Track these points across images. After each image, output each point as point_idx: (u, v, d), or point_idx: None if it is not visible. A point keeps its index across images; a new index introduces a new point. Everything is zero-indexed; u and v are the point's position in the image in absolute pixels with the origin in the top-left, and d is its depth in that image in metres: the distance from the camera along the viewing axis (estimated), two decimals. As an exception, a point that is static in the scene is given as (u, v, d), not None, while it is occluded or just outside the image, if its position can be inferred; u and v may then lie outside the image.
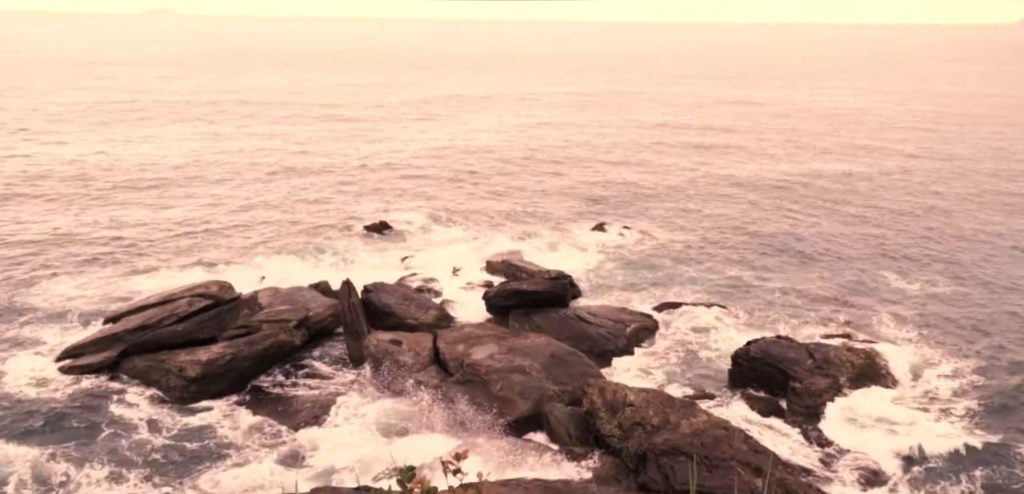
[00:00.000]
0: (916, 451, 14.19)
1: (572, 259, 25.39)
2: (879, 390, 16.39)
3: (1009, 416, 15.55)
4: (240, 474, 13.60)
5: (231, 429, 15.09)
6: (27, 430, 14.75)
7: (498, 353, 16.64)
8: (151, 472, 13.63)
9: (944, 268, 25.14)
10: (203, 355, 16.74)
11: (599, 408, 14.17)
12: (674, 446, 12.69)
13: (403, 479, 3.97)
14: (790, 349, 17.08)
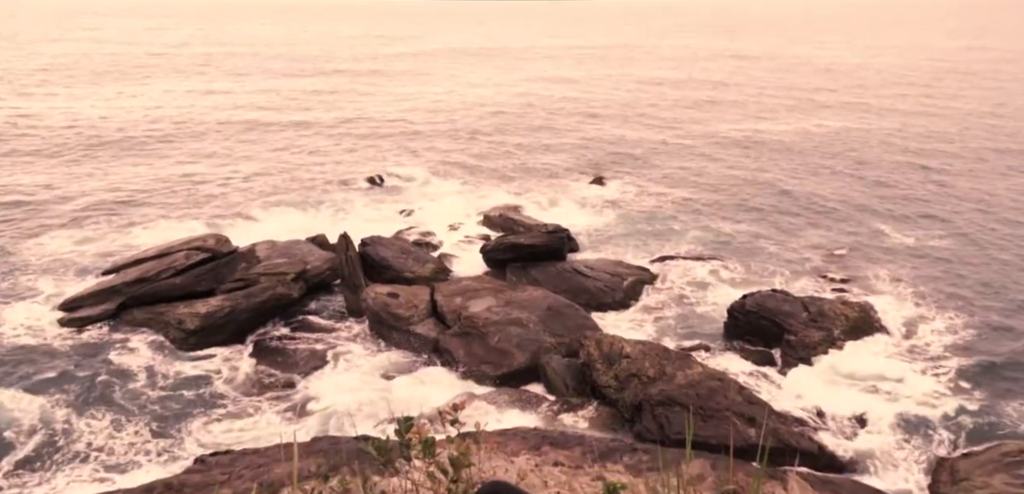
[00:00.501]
0: (906, 404, 14.41)
1: (570, 213, 25.40)
2: (872, 344, 16.57)
3: (998, 373, 15.74)
4: (239, 424, 13.78)
5: (230, 380, 15.24)
6: (30, 380, 14.89)
7: (496, 306, 16.74)
8: (151, 421, 13.80)
9: (941, 224, 25.22)
10: (202, 307, 16.82)
11: (596, 360, 14.32)
12: (669, 397, 12.86)
13: (401, 429, 4.03)
14: (785, 302, 17.20)
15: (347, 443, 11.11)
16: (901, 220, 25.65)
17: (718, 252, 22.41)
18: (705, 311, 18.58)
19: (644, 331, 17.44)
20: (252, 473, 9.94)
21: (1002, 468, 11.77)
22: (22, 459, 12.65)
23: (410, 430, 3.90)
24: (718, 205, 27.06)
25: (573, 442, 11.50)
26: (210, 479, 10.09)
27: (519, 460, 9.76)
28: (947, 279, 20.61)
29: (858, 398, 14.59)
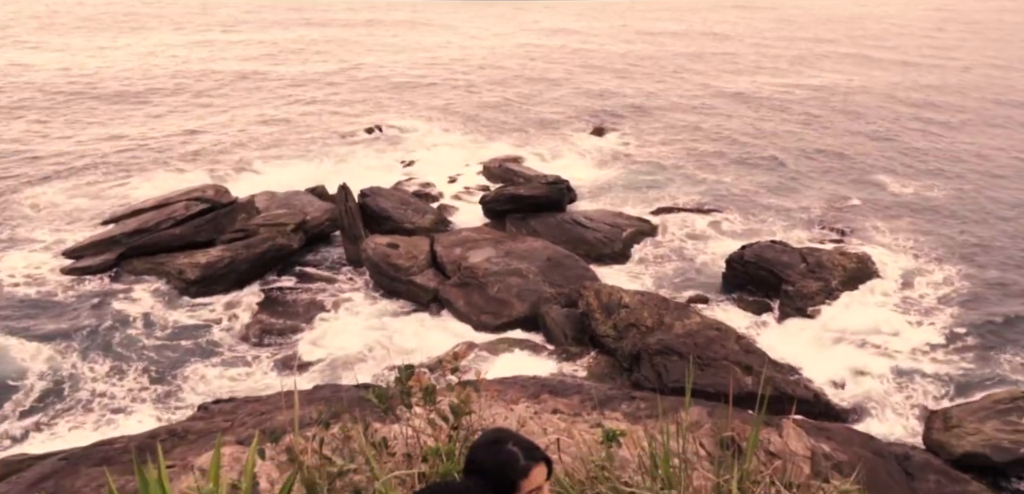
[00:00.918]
0: (901, 355, 14.55)
1: (569, 164, 25.31)
2: (869, 295, 16.65)
3: (992, 325, 15.82)
4: (241, 372, 13.93)
5: (231, 329, 15.35)
6: (33, 328, 15.01)
7: (495, 256, 16.78)
8: (152, 369, 13.95)
9: (941, 177, 25.16)
10: (202, 258, 16.87)
11: (595, 310, 14.42)
12: (667, 346, 12.99)
13: (402, 377, 4.08)
14: (784, 253, 17.24)
15: (348, 391, 11.23)
16: (901, 173, 25.57)
17: (718, 203, 22.39)
18: (704, 262, 18.64)
19: (643, 281, 17.53)
20: (254, 420, 10.07)
21: (994, 415, 11.96)
22: (28, 406, 12.82)
23: (411, 378, 3.96)
24: (718, 157, 26.94)
25: (572, 390, 11.63)
26: (213, 426, 10.23)
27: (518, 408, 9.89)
28: (945, 232, 20.64)
29: (854, 348, 14.73)
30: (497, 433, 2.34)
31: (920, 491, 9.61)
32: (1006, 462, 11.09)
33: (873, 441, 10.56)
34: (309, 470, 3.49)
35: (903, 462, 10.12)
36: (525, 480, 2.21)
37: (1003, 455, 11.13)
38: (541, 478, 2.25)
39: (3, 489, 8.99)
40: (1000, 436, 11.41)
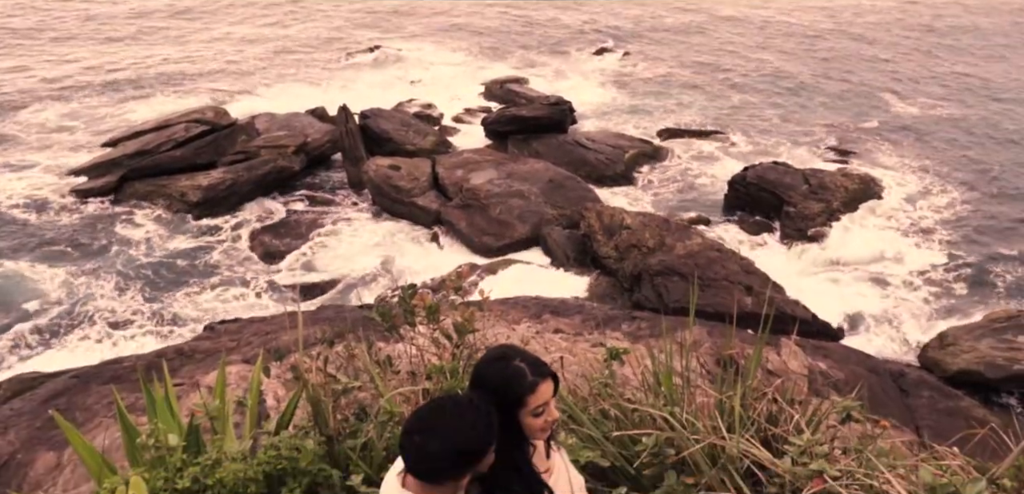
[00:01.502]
0: (900, 274, 14.63)
1: (573, 86, 24.92)
2: (871, 216, 16.63)
3: (992, 247, 15.80)
4: (245, 293, 14.09)
5: (234, 252, 15.44)
6: (39, 251, 15.13)
7: (497, 178, 16.72)
8: (157, 291, 14.10)
9: (947, 99, 24.78)
10: (203, 180, 16.83)
11: (596, 231, 14.44)
12: (668, 267, 13.06)
13: (405, 297, 4.11)
14: (786, 174, 17.15)
15: (352, 312, 11.37)
16: (907, 95, 25.18)
17: (722, 125, 22.14)
18: (706, 183, 18.56)
19: (645, 203, 17.50)
20: (260, 340, 10.22)
21: (989, 334, 12.11)
22: (36, 326, 13.02)
23: (414, 298, 3.99)
24: (724, 78, 26.50)
25: (573, 310, 11.76)
26: (219, 345, 10.39)
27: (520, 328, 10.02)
28: (950, 154, 20.44)
29: (853, 268, 14.80)
30: (503, 349, 2.31)
31: (913, 407, 9.80)
32: (999, 379, 11.29)
33: (870, 360, 10.73)
34: (313, 388, 3.55)
35: (898, 379, 10.31)
36: (532, 395, 2.20)
37: (996, 372, 11.32)
38: (548, 394, 2.23)
39: (18, 405, 9.20)
40: (995, 354, 11.58)
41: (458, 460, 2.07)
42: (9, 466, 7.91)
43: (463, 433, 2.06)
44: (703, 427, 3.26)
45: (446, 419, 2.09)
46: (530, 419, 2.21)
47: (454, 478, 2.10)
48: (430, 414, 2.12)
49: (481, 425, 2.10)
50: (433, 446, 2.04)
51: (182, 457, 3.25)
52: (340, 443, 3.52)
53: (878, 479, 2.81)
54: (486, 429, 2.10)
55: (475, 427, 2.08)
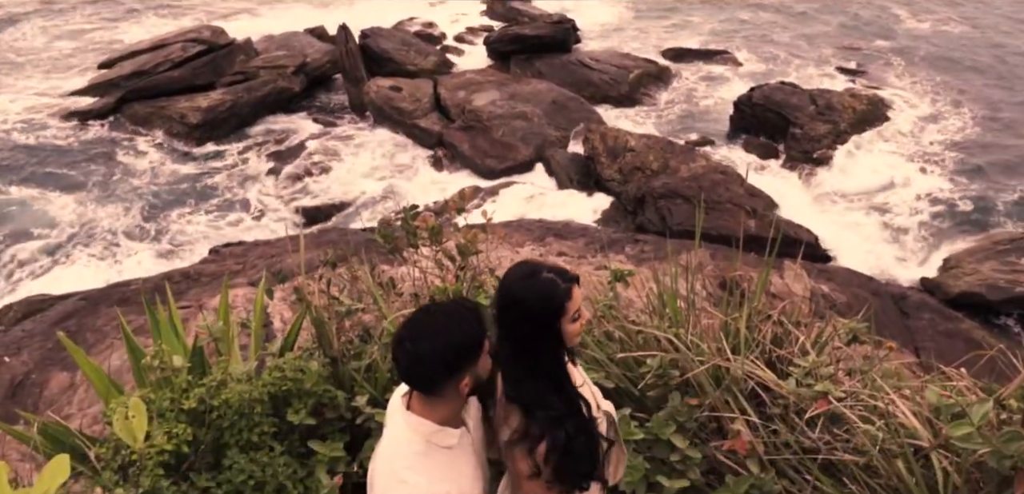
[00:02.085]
0: (905, 195, 14.53)
1: (576, 3, 24.27)
2: (878, 140, 16.41)
3: (1001, 169, 15.58)
4: (247, 216, 14.10)
5: (235, 175, 15.37)
6: (40, 176, 15.06)
7: (499, 99, 16.49)
8: (161, 215, 14.10)
9: (960, 17, 24.10)
10: (203, 101, 16.62)
11: (600, 153, 14.31)
12: (672, 189, 12.98)
13: (407, 218, 4.06)
14: (793, 95, 16.86)
15: (355, 234, 11.38)
16: (921, 12, 24.50)
17: (729, 45, 21.66)
18: (712, 104, 18.28)
19: (649, 125, 17.28)
20: (265, 263, 10.25)
21: (993, 256, 12.09)
22: (41, 248, 13.07)
23: (416, 219, 3.94)
24: (732, -7, 25.78)
25: (576, 233, 11.74)
26: (224, 268, 10.44)
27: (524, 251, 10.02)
28: (961, 74, 20.01)
29: (858, 190, 14.70)
30: (527, 266, 2.23)
31: (914, 329, 9.86)
32: (1000, 300, 11.31)
33: (872, 282, 10.75)
34: (317, 309, 3.55)
35: (899, 302, 10.35)
36: (569, 301, 2.15)
37: (997, 294, 11.33)
38: (580, 297, 2.20)
39: (29, 327, 9.30)
40: (997, 276, 11.58)
41: (451, 358, 2.02)
42: (24, 386, 8.03)
43: (453, 329, 2.02)
44: (708, 349, 3.26)
45: (435, 319, 2.06)
46: (569, 326, 2.18)
47: (450, 380, 2.04)
48: (419, 318, 2.09)
49: (471, 319, 2.07)
50: (424, 347, 2.00)
51: (187, 378, 3.27)
52: (344, 364, 3.53)
53: (883, 400, 2.82)
54: (476, 323, 2.07)
55: (465, 321, 2.05)
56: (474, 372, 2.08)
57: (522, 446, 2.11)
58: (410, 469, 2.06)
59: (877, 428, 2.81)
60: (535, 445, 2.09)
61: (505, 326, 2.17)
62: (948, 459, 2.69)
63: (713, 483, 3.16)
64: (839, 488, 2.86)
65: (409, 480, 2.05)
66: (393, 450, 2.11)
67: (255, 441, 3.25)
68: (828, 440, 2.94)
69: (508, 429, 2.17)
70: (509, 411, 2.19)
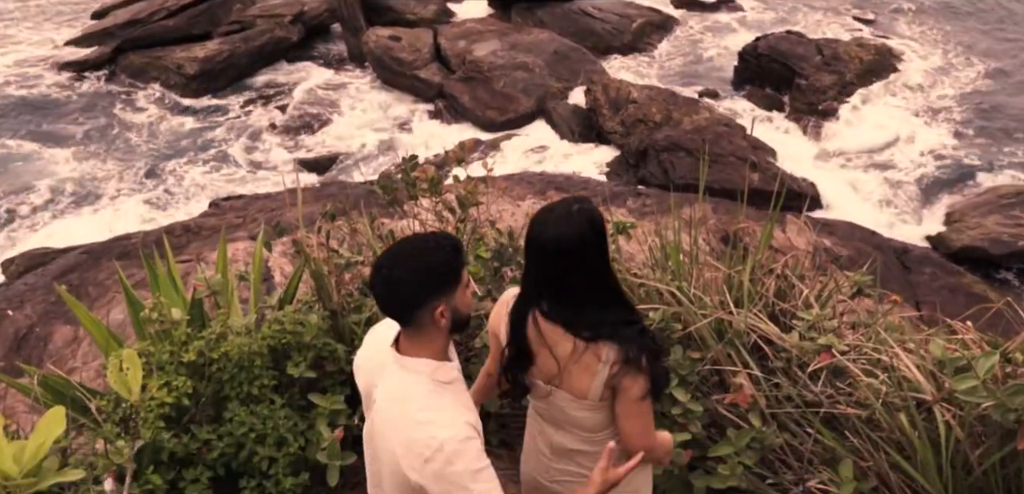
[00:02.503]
0: (911, 151, 14.39)
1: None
2: (885, 93, 16.19)
3: (1011, 123, 15.32)
4: (246, 170, 14.03)
5: (234, 127, 15.26)
6: (38, 129, 14.95)
7: (500, 49, 16.26)
8: (159, 167, 14.02)
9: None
10: (200, 52, 16.40)
11: (602, 105, 14.16)
12: (675, 142, 12.86)
13: (406, 169, 4.01)
14: (799, 45, 16.59)
15: (355, 187, 11.32)
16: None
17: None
18: (716, 55, 18.01)
19: (652, 76, 17.06)
20: (265, 216, 10.22)
21: (996, 209, 12.01)
22: (41, 202, 13.04)
23: (415, 170, 3.89)
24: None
25: (578, 186, 11.67)
26: (225, 222, 10.41)
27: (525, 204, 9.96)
28: (972, 24, 19.65)
29: (863, 143, 14.56)
30: (551, 210, 2.17)
31: (915, 283, 9.85)
32: (1002, 254, 11.27)
33: (875, 236, 10.71)
34: (316, 262, 3.52)
35: (901, 256, 10.32)
36: (605, 227, 2.18)
37: (1000, 248, 11.28)
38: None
39: (31, 280, 9.31)
40: (1000, 229, 11.52)
41: (425, 280, 1.97)
42: (29, 339, 8.07)
43: (429, 254, 1.99)
44: (710, 302, 3.24)
45: (412, 245, 2.05)
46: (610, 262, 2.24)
47: (426, 305, 1.98)
48: (397, 246, 2.07)
49: (448, 247, 2.03)
50: (399, 271, 1.96)
51: (186, 331, 3.26)
52: (344, 317, 3.52)
53: (887, 353, 2.80)
54: (454, 253, 2.03)
55: (441, 249, 2.01)
56: (451, 302, 2.02)
57: (630, 372, 2.11)
58: (427, 409, 2.00)
59: (880, 382, 2.79)
60: (640, 365, 2.12)
61: (562, 273, 2.13)
62: (951, 412, 2.68)
63: (714, 437, 3.17)
64: (841, 441, 2.86)
65: (435, 419, 1.98)
66: (400, 398, 2.04)
67: (255, 394, 3.25)
68: (831, 394, 2.93)
69: (588, 376, 2.15)
70: (574, 361, 2.15)
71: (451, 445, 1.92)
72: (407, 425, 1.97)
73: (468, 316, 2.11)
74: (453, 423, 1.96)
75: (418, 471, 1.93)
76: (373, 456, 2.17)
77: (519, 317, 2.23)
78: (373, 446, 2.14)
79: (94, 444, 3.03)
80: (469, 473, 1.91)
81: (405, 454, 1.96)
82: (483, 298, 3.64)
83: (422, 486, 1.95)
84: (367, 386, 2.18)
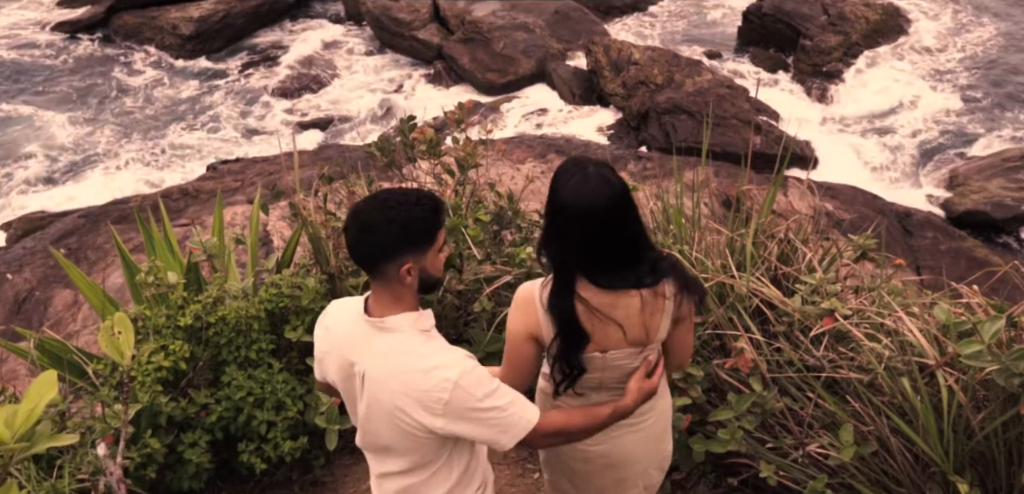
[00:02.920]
0: (915, 115, 14.25)
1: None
2: (891, 52, 15.98)
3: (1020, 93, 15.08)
4: (243, 133, 13.92)
5: (231, 89, 15.11)
6: (31, 93, 14.80)
7: (500, 10, 16.03)
8: (155, 130, 13.92)
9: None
10: (195, 11, 16.17)
11: (603, 67, 14.00)
12: (676, 104, 12.74)
13: (404, 129, 3.95)
14: (804, 4, 16.33)
15: (353, 150, 11.24)
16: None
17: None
18: (720, 15, 17.76)
19: (654, 37, 16.85)
20: (264, 180, 10.16)
21: (1001, 173, 11.93)
22: (38, 167, 12.97)
23: (413, 131, 3.83)
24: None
25: (579, 150, 11.59)
26: (222, 185, 10.35)
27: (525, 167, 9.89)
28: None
29: (867, 106, 14.42)
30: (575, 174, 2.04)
31: (916, 247, 9.82)
32: (1005, 219, 11.21)
33: (877, 200, 10.65)
34: (313, 225, 3.48)
35: (903, 220, 10.27)
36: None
37: (1003, 212, 11.22)
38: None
39: (30, 244, 9.29)
40: (1004, 193, 11.45)
41: (396, 232, 1.91)
42: (29, 303, 8.06)
43: (404, 207, 1.93)
44: (712, 265, 3.20)
45: (389, 197, 1.97)
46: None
47: (393, 258, 1.94)
48: (374, 196, 2.00)
49: (426, 205, 1.96)
50: (371, 218, 1.92)
51: (183, 295, 3.22)
52: (342, 281, 3.48)
53: (891, 318, 2.77)
54: (431, 212, 1.97)
55: (419, 206, 1.95)
56: (421, 262, 1.97)
57: (687, 295, 2.17)
58: (427, 357, 1.97)
59: (883, 346, 2.77)
60: (694, 284, 2.20)
61: (618, 233, 2.05)
62: (953, 377, 2.66)
63: (714, 401, 3.15)
64: (842, 406, 2.84)
65: (438, 362, 1.95)
66: (394, 356, 1.98)
67: (253, 358, 3.23)
68: (833, 358, 2.90)
69: (656, 319, 2.14)
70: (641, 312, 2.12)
71: (465, 378, 1.93)
72: (413, 379, 1.94)
73: (437, 280, 2.06)
74: (457, 360, 1.96)
75: (442, 415, 1.93)
76: (373, 432, 2.09)
77: (566, 303, 2.08)
78: (370, 420, 2.07)
79: (92, 408, 3.02)
80: (489, 394, 1.95)
81: (420, 406, 1.94)
82: (482, 261, 3.61)
83: (443, 427, 1.95)
84: (343, 365, 2.09)
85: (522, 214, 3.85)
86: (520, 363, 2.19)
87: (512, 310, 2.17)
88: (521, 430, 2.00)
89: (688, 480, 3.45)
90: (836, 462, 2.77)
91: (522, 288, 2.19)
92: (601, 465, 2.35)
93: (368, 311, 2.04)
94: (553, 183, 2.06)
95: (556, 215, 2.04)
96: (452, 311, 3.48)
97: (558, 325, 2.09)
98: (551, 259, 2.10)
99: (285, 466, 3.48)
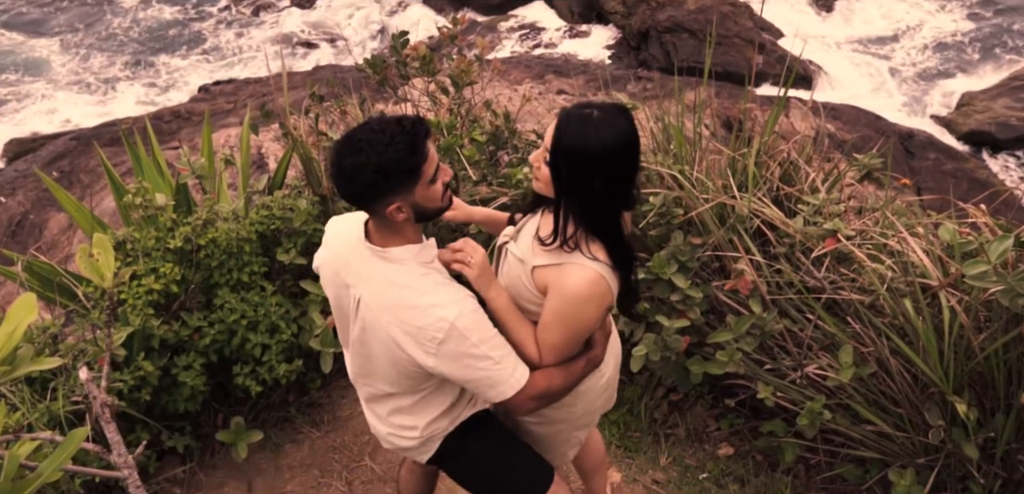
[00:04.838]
0: (920, 35, 13.95)
1: None
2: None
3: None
4: (236, 54, 13.70)
5: (223, 11, 14.76)
6: (21, 18, 14.48)
7: (497, -75, 15.49)
8: (147, 54, 13.69)
9: None
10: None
11: (603, -16, 13.61)
12: (678, 23, 12.43)
13: (396, 46, 3.81)
14: (812, -80, 15.80)
15: (347, 71, 11.01)
16: None
17: None
18: (724, -70, 17.18)
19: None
20: (256, 101, 9.99)
21: (1007, 93, 11.74)
22: (26, 89, 12.77)
23: (406, 47, 3.69)
24: None
25: (577, 70, 11.35)
26: (215, 107, 10.18)
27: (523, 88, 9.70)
28: None
29: (871, 26, 14.12)
30: (577, 108, 1.89)
31: (917, 168, 9.72)
32: (1009, 139, 11.08)
33: (880, 121, 10.50)
34: (304, 145, 3.39)
35: (906, 141, 10.14)
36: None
37: (1007, 132, 11.08)
38: None
39: (21, 167, 9.17)
40: (1008, 114, 11.29)
41: (373, 179, 1.80)
42: (24, 226, 8.00)
43: (380, 149, 1.78)
44: (713, 186, 3.13)
45: (367, 134, 1.81)
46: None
47: (377, 202, 1.85)
48: (355, 132, 1.86)
49: (405, 141, 1.80)
50: (348, 162, 1.80)
51: (172, 217, 3.15)
52: (334, 203, 3.41)
53: (894, 238, 2.71)
54: (409, 149, 1.81)
55: (394, 144, 1.79)
56: (408, 199, 1.87)
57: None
58: (425, 293, 1.90)
59: (886, 267, 2.72)
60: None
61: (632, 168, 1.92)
62: (956, 298, 2.62)
63: (713, 323, 3.12)
64: (842, 327, 2.81)
65: (437, 300, 1.88)
66: (392, 287, 1.92)
67: (245, 281, 3.19)
68: (834, 279, 2.86)
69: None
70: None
71: (462, 320, 1.87)
72: (410, 314, 1.89)
73: (436, 209, 1.96)
74: (456, 299, 1.89)
75: (434, 355, 1.89)
76: (364, 356, 2.06)
77: (628, 247, 1.99)
78: (363, 344, 2.03)
79: (83, 331, 2.99)
80: (484, 341, 1.89)
81: (414, 342, 1.89)
82: (478, 182, 3.53)
83: (435, 367, 1.91)
84: (338, 284, 2.05)
85: (519, 134, 3.75)
86: (586, 336, 2.07)
87: (583, 304, 1.93)
88: (510, 388, 1.93)
89: (685, 401, 3.46)
90: (834, 383, 2.76)
91: (587, 283, 1.92)
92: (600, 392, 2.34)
93: (369, 237, 1.97)
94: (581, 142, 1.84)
95: (603, 165, 1.85)
96: (447, 233, 3.42)
97: (625, 271, 1.98)
98: (598, 214, 1.92)
99: (281, 388, 3.48)
